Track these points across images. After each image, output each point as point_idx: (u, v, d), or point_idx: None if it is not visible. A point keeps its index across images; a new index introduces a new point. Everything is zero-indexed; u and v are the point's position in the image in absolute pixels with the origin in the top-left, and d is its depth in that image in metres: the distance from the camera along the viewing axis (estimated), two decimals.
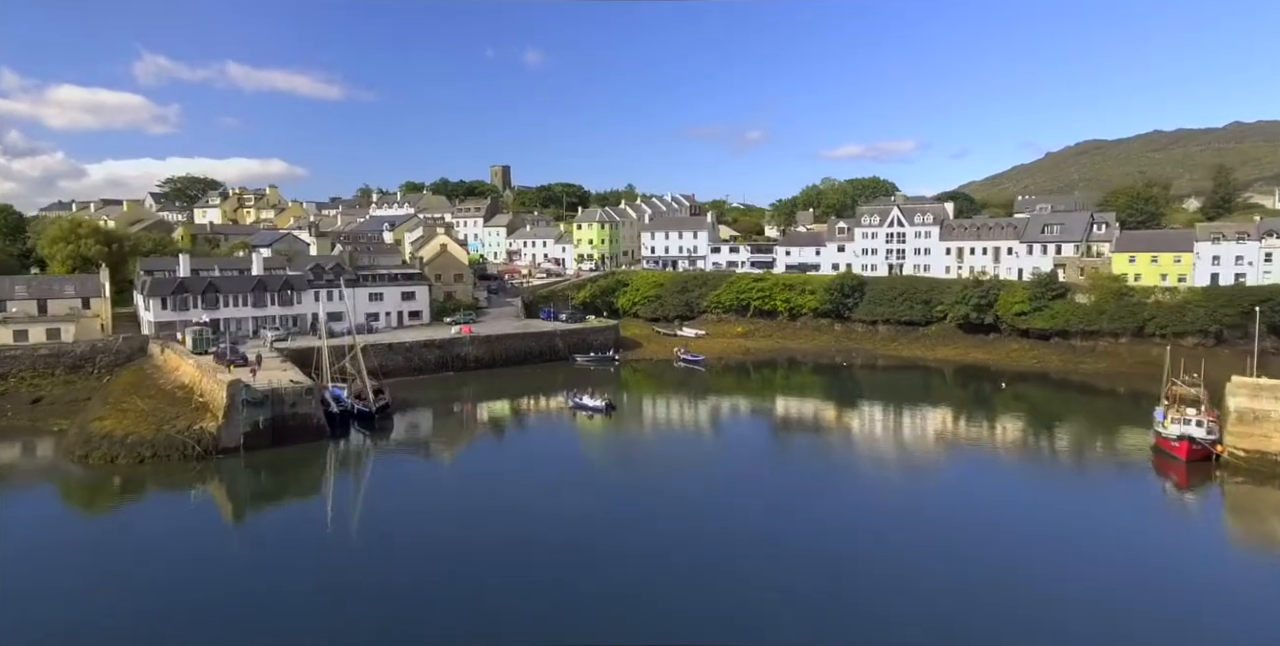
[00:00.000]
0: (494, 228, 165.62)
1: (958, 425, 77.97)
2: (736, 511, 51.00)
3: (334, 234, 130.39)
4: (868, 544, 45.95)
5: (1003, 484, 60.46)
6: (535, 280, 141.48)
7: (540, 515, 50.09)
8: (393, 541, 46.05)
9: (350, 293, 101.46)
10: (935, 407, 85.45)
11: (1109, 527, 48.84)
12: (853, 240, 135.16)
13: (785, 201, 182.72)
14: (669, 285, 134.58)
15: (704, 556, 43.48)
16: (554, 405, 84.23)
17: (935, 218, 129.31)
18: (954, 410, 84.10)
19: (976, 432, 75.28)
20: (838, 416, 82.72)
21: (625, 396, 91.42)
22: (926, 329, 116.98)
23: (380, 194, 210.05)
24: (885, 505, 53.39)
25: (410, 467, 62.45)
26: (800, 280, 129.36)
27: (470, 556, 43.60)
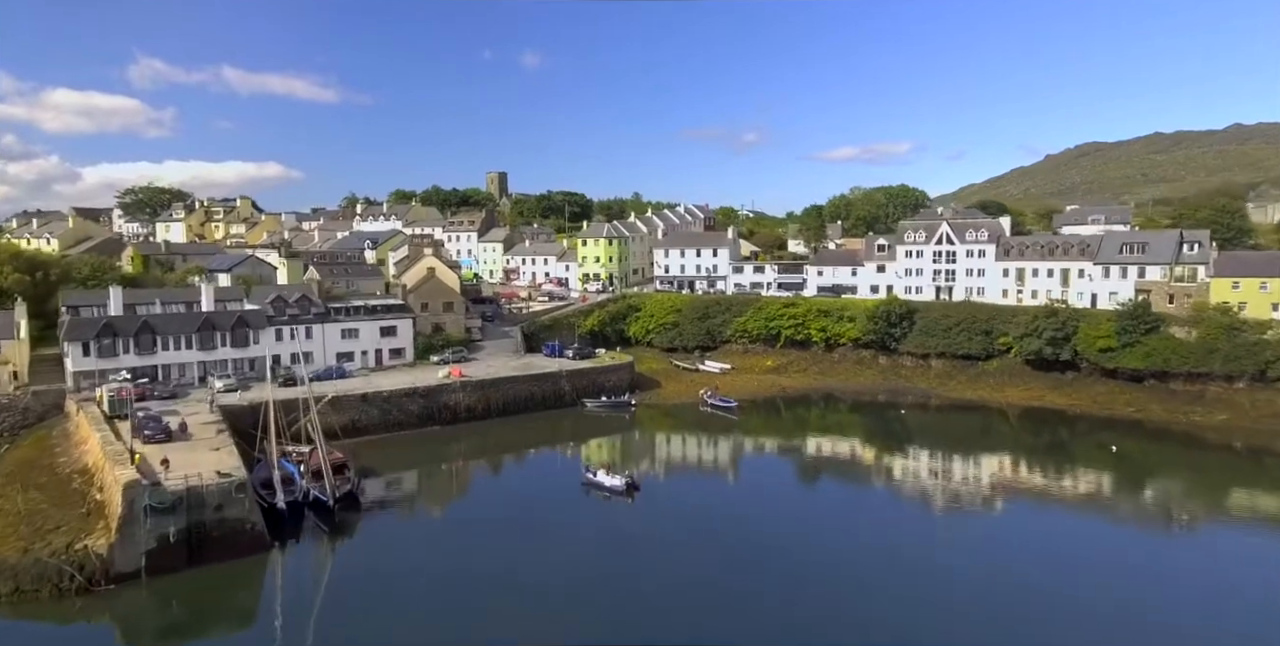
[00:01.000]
0: (490, 243, 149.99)
1: (1068, 484, 62.45)
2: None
3: (307, 254, 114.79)
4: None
5: (1138, 562, 50.89)
6: (536, 304, 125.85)
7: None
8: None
9: (319, 330, 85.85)
10: (1048, 473, 69.90)
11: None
12: (894, 259, 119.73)
13: (810, 211, 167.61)
14: (687, 311, 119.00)
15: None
16: (563, 477, 68.39)
17: (990, 234, 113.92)
18: (1063, 468, 68.68)
19: (1097, 495, 59.80)
20: (942, 498, 66.75)
21: (648, 463, 75.70)
22: (987, 364, 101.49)
23: (366, 204, 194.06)
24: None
25: (375, 584, 46.53)
26: (836, 306, 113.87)
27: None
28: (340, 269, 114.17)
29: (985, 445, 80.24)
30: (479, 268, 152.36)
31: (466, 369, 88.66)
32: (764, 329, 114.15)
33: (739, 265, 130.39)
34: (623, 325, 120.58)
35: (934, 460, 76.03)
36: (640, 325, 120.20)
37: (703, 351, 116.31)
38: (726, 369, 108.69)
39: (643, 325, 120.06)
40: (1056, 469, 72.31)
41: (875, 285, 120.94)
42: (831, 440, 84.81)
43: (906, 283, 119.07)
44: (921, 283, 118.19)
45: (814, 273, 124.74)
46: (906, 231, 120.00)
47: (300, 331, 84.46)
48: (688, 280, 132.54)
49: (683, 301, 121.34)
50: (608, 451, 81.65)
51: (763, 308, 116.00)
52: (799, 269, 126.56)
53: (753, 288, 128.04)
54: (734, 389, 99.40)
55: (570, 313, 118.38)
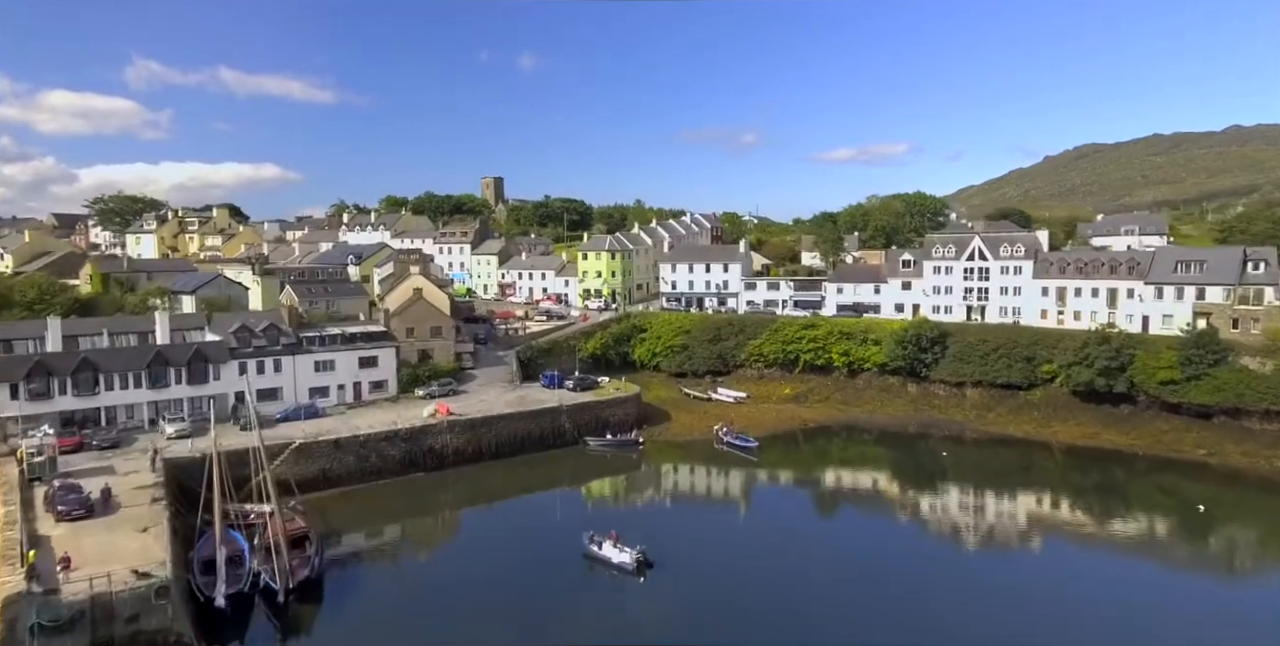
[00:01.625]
0: (484, 255, 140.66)
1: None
2: None
3: (283, 272, 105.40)
4: None
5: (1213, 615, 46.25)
6: (533, 323, 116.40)
7: None
8: None
9: (289, 362, 76.38)
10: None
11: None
12: (921, 276, 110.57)
13: (822, 220, 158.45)
14: (697, 332, 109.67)
15: None
16: (562, 541, 58.86)
17: (1026, 249, 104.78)
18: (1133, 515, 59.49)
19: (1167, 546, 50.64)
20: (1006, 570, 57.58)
21: (660, 519, 66.34)
22: (1029, 394, 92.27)
23: (354, 212, 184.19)
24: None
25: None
26: (860, 327, 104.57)
27: None
28: (319, 288, 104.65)
29: (1036, 486, 71.32)
30: (472, 282, 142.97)
31: (456, 403, 79.39)
32: (781, 353, 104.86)
33: (751, 281, 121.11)
34: (627, 347, 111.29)
35: (998, 519, 66.72)
36: (646, 348, 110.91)
37: (714, 377, 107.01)
38: (742, 398, 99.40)
39: (649, 348, 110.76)
40: (1124, 515, 64.17)
41: (900, 304, 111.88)
42: (865, 485, 75.49)
43: (934, 301, 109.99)
44: (951, 302, 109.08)
45: (833, 290, 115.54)
46: (934, 246, 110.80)
47: (268, 365, 74.98)
48: (696, 297, 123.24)
49: (692, 322, 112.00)
50: (612, 499, 72.47)
51: (779, 329, 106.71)
52: (817, 286, 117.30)
53: (766, 306, 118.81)
54: (751, 421, 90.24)
55: (570, 334, 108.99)
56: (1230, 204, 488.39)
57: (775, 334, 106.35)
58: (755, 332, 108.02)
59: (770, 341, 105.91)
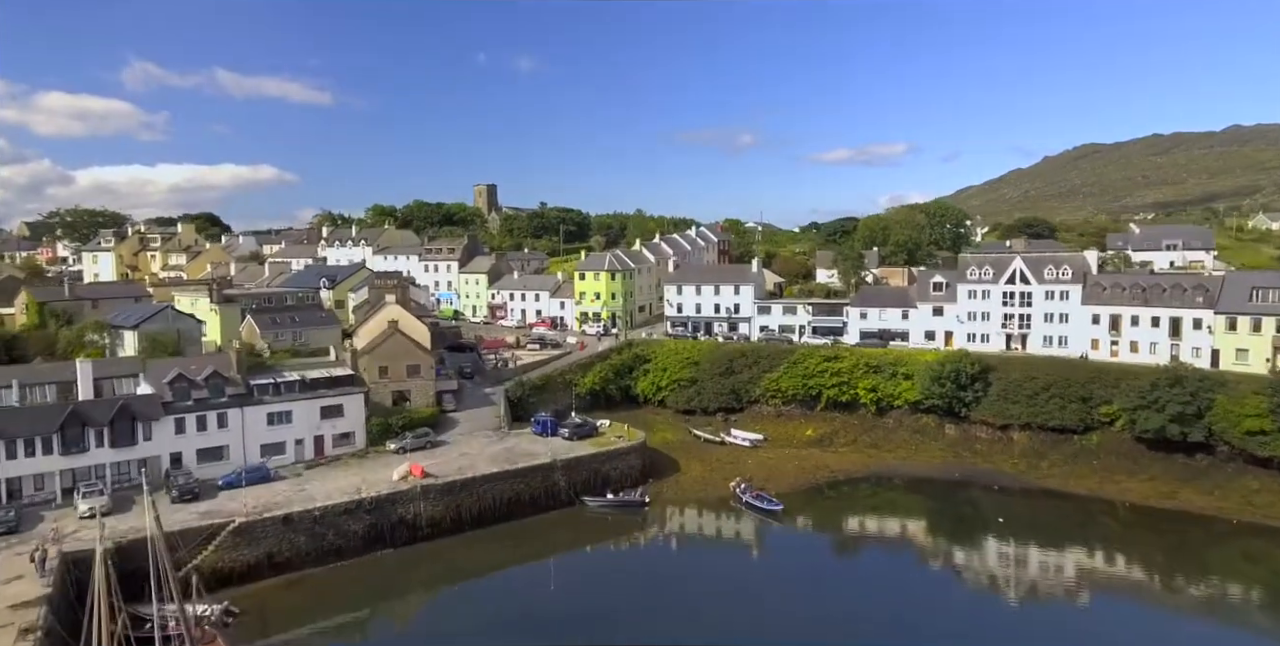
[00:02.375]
0: (472, 274, 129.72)
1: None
2: None
3: (246, 298, 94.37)
4: None
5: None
6: (525, 352, 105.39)
7: None
8: None
9: (237, 416, 65.38)
10: None
11: None
12: (955, 301, 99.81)
13: (835, 233, 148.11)
14: (707, 364, 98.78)
15: None
16: (557, 631, 47.82)
17: (1074, 271, 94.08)
18: None
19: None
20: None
21: (670, 609, 55.28)
22: (1085, 439, 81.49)
23: (334, 225, 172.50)
24: None
25: None
26: (888, 359, 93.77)
27: None
28: (286, 317, 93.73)
29: (1093, 543, 60.40)
30: (460, 303, 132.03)
31: (433, 460, 68.61)
32: (801, 388, 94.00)
33: (765, 305, 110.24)
34: (629, 380, 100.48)
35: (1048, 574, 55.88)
36: (650, 380, 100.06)
37: (727, 414, 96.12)
38: (758, 441, 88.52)
39: (653, 380, 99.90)
40: (1199, 580, 53.96)
41: (930, 331, 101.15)
42: (911, 558, 64.60)
43: (969, 329, 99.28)
44: (988, 329, 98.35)
45: (856, 315, 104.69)
46: (969, 267, 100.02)
47: (211, 420, 63.99)
48: (703, 322, 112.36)
49: (701, 352, 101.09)
50: (613, 573, 61.51)
51: (799, 361, 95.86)
52: (838, 310, 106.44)
53: (782, 332, 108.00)
54: (770, 472, 79.54)
55: (566, 366, 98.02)
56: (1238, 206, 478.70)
57: (794, 367, 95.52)
58: (772, 364, 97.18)
59: (789, 375, 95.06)
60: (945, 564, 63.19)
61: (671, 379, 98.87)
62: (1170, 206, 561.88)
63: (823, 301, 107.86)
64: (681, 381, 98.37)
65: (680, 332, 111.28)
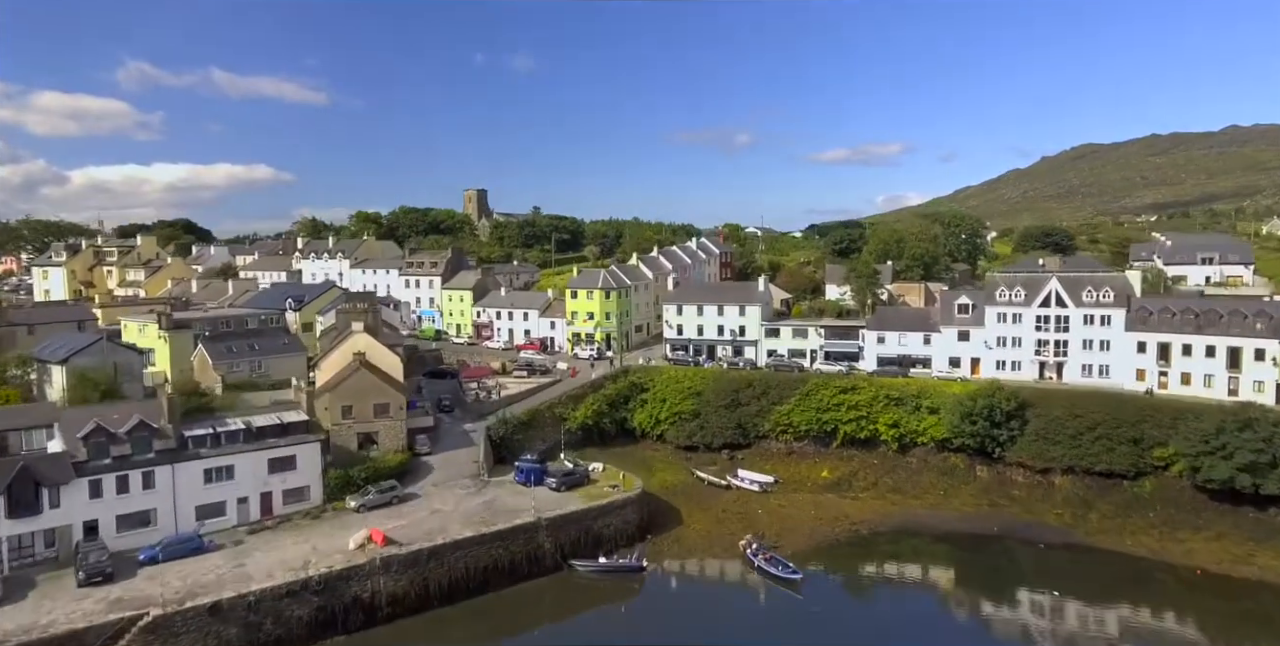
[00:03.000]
0: (456, 291, 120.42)
1: None
2: None
3: (201, 323, 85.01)
4: None
5: None
6: (511, 380, 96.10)
7: None
8: None
9: (166, 475, 56.09)
10: None
11: None
12: (983, 325, 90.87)
13: (842, 236, 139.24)
14: (711, 394, 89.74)
15: None
16: None
17: (1116, 294, 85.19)
18: None
19: None
20: None
21: None
22: (1137, 486, 72.59)
23: (317, 232, 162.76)
24: None
25: None
26: (911, 390, 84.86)
27: None
28: (244, 344, 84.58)
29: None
30: (444, 321, 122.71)
31: (400, 519, 59.59)
32: (815, 423, 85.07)
33: (773, 326, 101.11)
34: (625, 412, 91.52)
35: None
36: (648, 412, 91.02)
37: (732, 451, 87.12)
38: (768, 484, 79.37)
39: (651, 413, 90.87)
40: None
41: (955, 357, 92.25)
42: (942, 639, 55.60)
43: (999, 356, 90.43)
44: (1020, 356, 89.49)
45: (873, 339, 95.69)
46: (999, 288, 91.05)
47: (135, 480, 54.72)
48: (706, 345, 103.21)
49: (704, 381, 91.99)
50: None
51: (812, 392, 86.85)
52: (853, 333, 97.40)
53: (792, 357, 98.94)
54: (782, 523, 70.69)
55: (556, 398, 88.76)
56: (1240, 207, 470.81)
57: (807, 399, 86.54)
58: (782, 396, 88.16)
59: (801, 408, 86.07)
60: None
61: (671, 412, 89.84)
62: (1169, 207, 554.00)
63: (836, 324, 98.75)
64: (683, 414, 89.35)
65: (680, 357, 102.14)
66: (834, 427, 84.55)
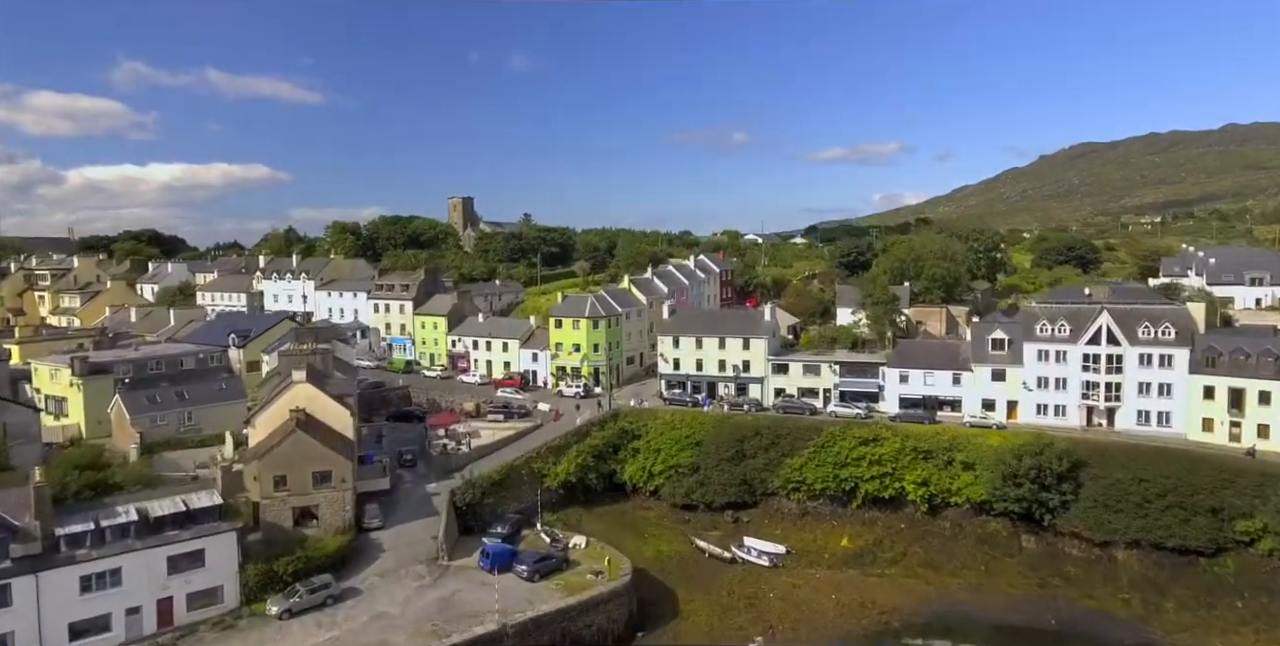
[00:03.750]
0: (430, 317, 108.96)
1: None
2: None
3: (125, 364, 73.58)
4: None
5: None
6: (485, 424, 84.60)
7: None
8: None
9: (28, 586, 44.61)
10: None
11: None
12: (1020, 363, 79.76)
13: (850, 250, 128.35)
14: (712, 445, 78.54)
15: None
16: None
17: (1177, 331, 74.13)
18: None
19: None
20: None
21: None
22: (1218, 564, 61.53)
23: (280, 249, 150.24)
24: None
25: None
26: (942, 442, 73.80)
27: None
28: (173, 392, 73.31)
29: None
30: (415, 350, 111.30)
31: (333, 628, 48.56)
32: (832, 480, 73.86)
33: (781, 362, 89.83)
34: (613, 463, 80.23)
35: None
36: (640, 465, 79.77)
37: (736, 512, 75.97)
38: (779, 556, 68.28)
39: (644, 465, 79.63)
40: None
41: (989, 400, 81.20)
42: None
43: (1040, 399, 79.43)
44: (1065, 400, 78.46)
45: (894, 377, 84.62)
46: (1039, 322, 79.89)
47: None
48: (705, 382, 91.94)
49: (704, 428, 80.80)
50: None
51: (828, 444, 75.69)
52: (871, 370, 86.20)
53: (802, 396, 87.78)
54: (799, 613, 59.67)
55: (534, 450, 77.29)
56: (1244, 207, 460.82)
57: (822, 451, 75.35)
58: (793, 447, 76.97)
59: (815, 462, 74.89)
60: None
61: (667, 464, 78.63)
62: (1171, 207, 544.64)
63: (852, 360, 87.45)
64: (680, 468, 78.13)
65: (677, 396, 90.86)
66: (854, 486, 73.39)
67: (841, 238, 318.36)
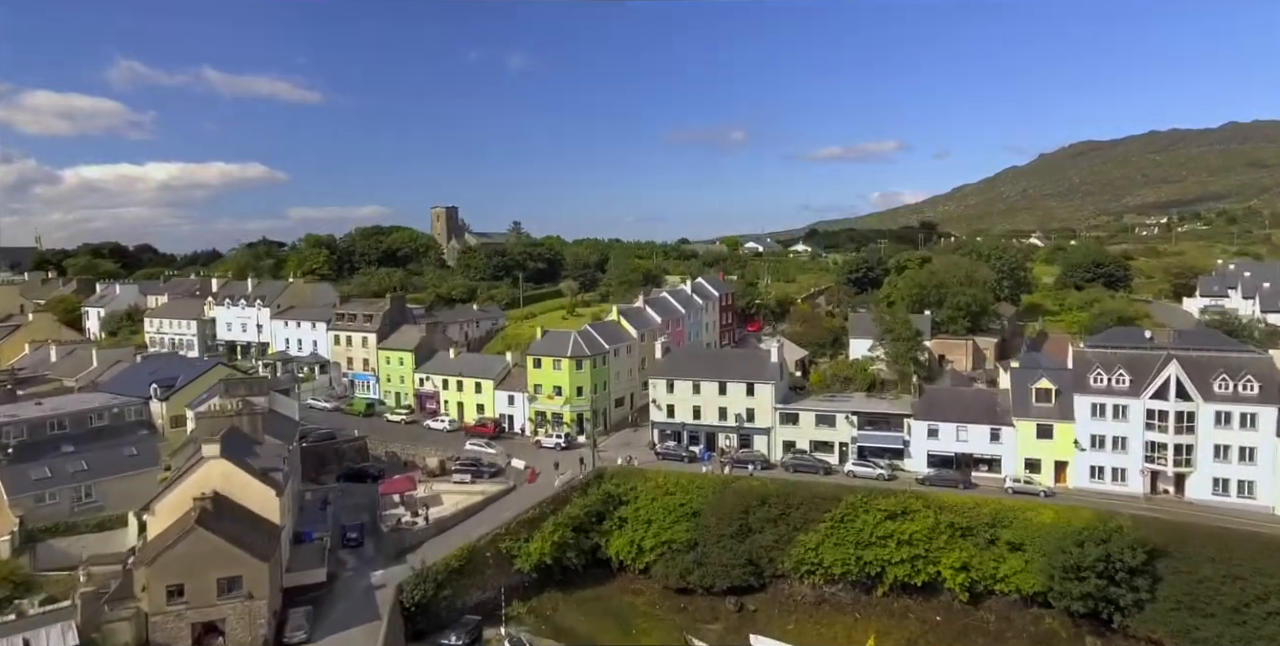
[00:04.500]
0: (395, 351, 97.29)
1: None
2: None
3: (13, 426, 61.88)
4: None
5: None
6: (449, 488, 72.95)
7: None
8: None
9: None
10: None
11: None
12: (1071, 418, 68.32)
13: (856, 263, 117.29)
14: (712, 516, 67.09)
15: None
16: None
17: (1261, 383, 62.69)
18: None
19: None
20: None
21: None
22: None
23: (258, 260, 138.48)
24: None
25: None
26: (983, 516, 62.52)
27: None
28: (70, 461, 61.61)
29: None
30: (380, 388, 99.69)
31: None
32: (854, 563, 62.40)
33: (790, 411, 78.26)
34: (596, 535, 68.81)
35: None
36: (628, 538, 68.31)
37: (741, 597, 64.46)
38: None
39: (632, 538, 68.16)
40: None
41: (1034, 460, 69.68)
42: None
43: (1095, 460, 68.02)
44: (1124, 463, 67.04)
45: (921, 431, 73.19)
46: (1093, 369, 68.44)
47: None
48: (703, 432, 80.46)
49: (701, 494, 69.31)
50: None
51: (848, 517, 64.30)
52: (895, 422, 74.70)
53: (815, 451, 76.36)
54: None
55: (503, 525, 65.63)
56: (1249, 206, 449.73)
57: (841, 527, 63.94)
58: (806, 519, 65.57)
59: (834, 541, 63.47)
60: None
61: (659, 539, 67.20)
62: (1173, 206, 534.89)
63: (873, 412, 75.84)
64: (674, 544, 66.65)
65: (671, 450, 79.30)
66: (880, 570, 61.96)
67: (844, 244, 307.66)
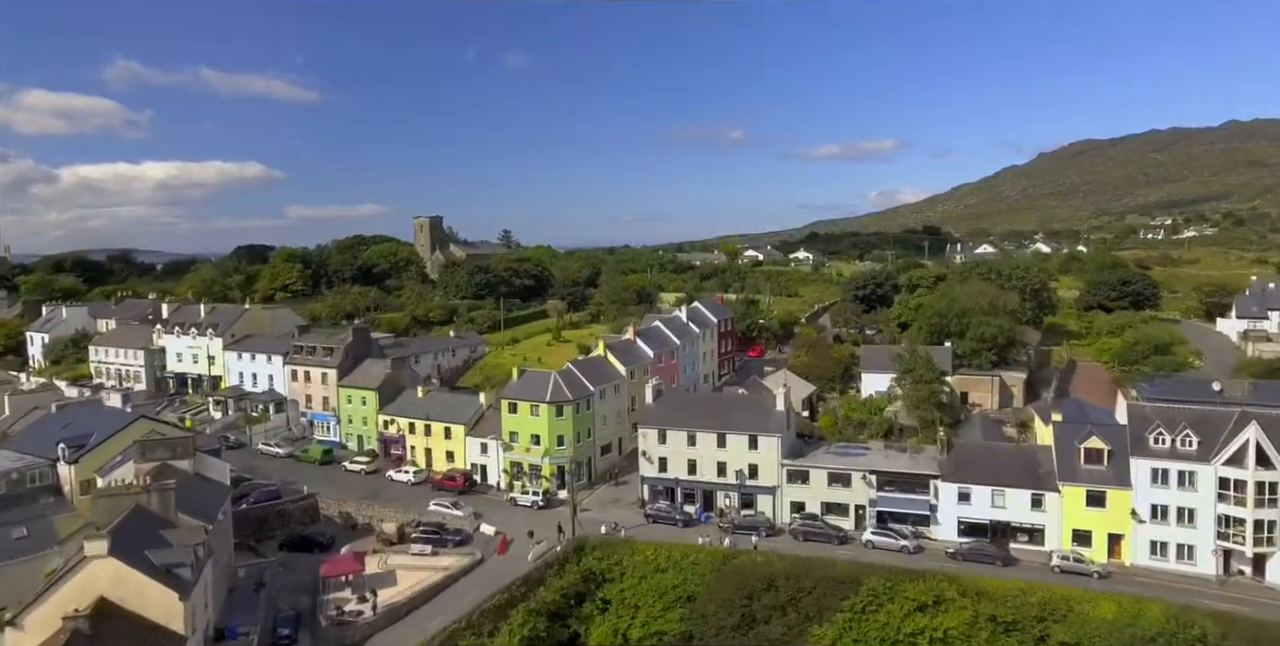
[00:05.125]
0: (357, 390, 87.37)
1: None
2: None
3: None
4: None
5: None
6: (405, 560, 63.11)
7: None
8: None
9: None
10: None
11: None
12: (1127, 484, 58.63)
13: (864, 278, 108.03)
14: (710, 603, 57.32)
15: None
16: None
17: None
18: None
19: None
20: None
21: None
22: None
23: (177, 300, 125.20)
24: None
25: None
26: (1029, 606, 52.80)
27: None
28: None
29: None
30: (341, 430, 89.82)
31: None
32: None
33: (799, 468, 68.45)
34: (575, 622, 59.06)
35: None
36: (611, 626, 58.69)
37: None
38: None
39: (616, 626, 58.54)
40: None
41: (1083, 531, 60.01)
42: None
43: (1156, 534, 58.40)
44: (1192, 539, 57.41)
45: (950, 495, 63.50)
46: (1151, 426, 58.69)
47: None
48: (700, 490, 70.70)
49: (696, 574, 59.58)
50: None
51: (870, 607, 54.63)
52: (920, 484, 64.97)
53: (827, 514, 66.67)
54: None
55: (466, 615, 55.74)
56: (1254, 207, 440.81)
57: (862, 619, 54.26)
58: (820, 606, 55.87)
59: (854, 637, 53.77)
60: None
61: (648, 629, 57.47)
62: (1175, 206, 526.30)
63: (895, 471, 66.06)
64: (665, 637, 56.89)
65: (663, 511, 69.49)
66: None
67: (846, 250, 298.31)
